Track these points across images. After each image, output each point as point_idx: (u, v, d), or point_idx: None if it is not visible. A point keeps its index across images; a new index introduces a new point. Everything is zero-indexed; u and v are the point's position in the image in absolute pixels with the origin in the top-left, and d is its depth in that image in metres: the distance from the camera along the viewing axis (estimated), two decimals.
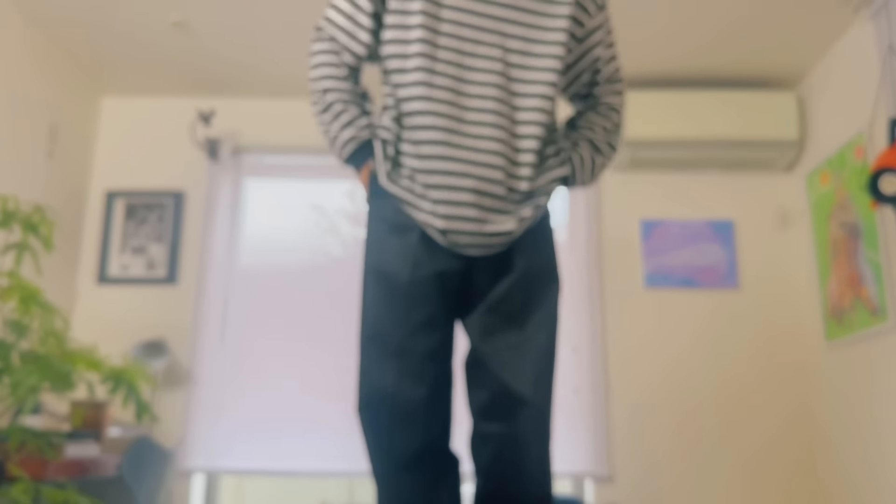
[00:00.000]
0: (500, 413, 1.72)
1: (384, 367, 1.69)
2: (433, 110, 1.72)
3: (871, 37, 3.39)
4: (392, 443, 1.69)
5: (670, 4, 3.45)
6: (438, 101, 1.73)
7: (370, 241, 1.81)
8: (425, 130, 1.72)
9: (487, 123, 1.73)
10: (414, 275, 1.72)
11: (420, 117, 1.73)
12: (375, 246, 1.79)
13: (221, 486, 3.94)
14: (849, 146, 3.53)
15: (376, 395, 1.69)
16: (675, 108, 3.94)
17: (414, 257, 1.73)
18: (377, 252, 1.78)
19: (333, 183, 4.19)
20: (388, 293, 1.73)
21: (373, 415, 1.70)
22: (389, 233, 1.77)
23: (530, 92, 1.78)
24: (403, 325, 1.70)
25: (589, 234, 4.10)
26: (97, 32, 3.70)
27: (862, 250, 3.41)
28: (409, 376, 1.68)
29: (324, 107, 1.84)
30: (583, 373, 3.92)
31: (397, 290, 1.72)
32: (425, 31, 1.74)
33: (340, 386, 3.89)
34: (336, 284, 4.03)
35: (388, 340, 1.70)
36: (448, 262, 1.75)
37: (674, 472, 3.82)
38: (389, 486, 1.73)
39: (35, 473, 2.54)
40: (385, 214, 1.79)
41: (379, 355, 1.70)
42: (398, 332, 1.70)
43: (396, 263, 1.73)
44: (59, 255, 3.86)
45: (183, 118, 4.24)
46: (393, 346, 1.69)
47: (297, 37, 3.70)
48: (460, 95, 1.74)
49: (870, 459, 3.39)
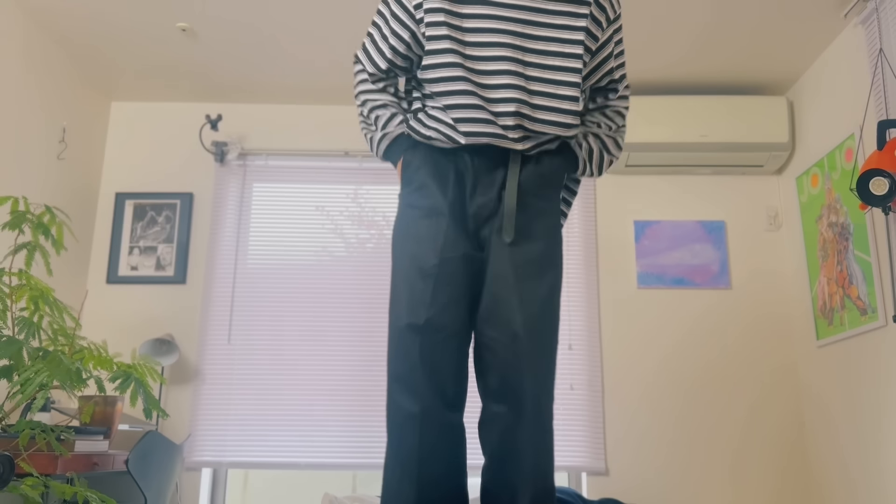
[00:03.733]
0: (506, 396, 1.84)
1: (405, 344, 1.84)
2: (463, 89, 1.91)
3: (862, 41, 3.42)
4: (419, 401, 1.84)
5: (661, 10, 3.49)
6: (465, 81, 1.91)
7: (401, 227, 1.95)
8: (454, 95, 1.92)
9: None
10: (443, 256, 1.86)
11: (449, 83, 1.92)
12: (406, 230, 1.93)
13: (228, 479, 4.03)
14: (838, 149, 3.57)
15: (397, 377, 1.85)
16: (668, 112, 3.99)
17: (444, 239, 1.87)
18: (408, 237, 1.92)
19: (337, 186, 4.28)
20: (419, 273, 1.87)
21: (402, 387, 1.84)
22: (420, 217, 1.91)
23: (550, 106, 1.93)
24: (432, 303, 1.84)
25: (584, 235, 4.17)
26: (107, 39, 3.77)
27: (851, 251, 3.46)
28: (438, 351, 1.84)
29: (363, 116, 2.07)
30: (579, 370, 3.99)
31: (428, 271, 1.86)
32: (454, 54, 1.91)
33: (344, 382, 3.99)
34: (339, 283, 4.12)
35: (418, 318, 1.84)
36: (473, 246, 1.91)
37: (667, 467, 3.89)
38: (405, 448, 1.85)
39: (45, 469, 2.60)
40: (416, 202, 1.93)
41: (410, 332, 1.84)
42: (427, 310, 1.84)
43: (427, 246, 1.88)
44: (69, 256, 3.94)
45: (191, 122, 4.34)
46: (422, 321, 1.83)
47: (304, 43, 3.77)
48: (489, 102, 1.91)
49: (861, 456, 3.43)
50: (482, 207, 1.91)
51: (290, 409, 3.96)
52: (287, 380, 4.00)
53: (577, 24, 1.93)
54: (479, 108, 1.89)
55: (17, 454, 2.53)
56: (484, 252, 1.92)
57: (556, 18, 1.92)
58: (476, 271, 1.90)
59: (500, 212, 1.91)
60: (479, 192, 1.92)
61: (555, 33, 1.93)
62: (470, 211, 1.91)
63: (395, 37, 1.99)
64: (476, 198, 1.92)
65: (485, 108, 1.88)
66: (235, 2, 3.46)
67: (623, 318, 4.07)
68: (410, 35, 1.97)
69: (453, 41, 1.90)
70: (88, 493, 2.36)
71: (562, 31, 1.92)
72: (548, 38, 1.92)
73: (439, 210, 1.90)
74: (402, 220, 1.95)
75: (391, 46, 2.00)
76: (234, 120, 4.35)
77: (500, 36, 1.89)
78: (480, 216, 1.91)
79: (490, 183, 1.92)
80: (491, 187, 1.92)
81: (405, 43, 1.98)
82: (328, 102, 4.34)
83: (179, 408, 3.96)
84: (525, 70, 1.90)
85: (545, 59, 1.91)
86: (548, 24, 1.92)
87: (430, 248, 1.87)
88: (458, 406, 1.87)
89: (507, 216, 1.89)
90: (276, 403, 3.97)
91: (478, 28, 1.91)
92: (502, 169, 1.93)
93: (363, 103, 2.05)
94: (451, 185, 1.92)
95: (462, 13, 1.91)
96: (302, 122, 4.34)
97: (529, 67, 1.91)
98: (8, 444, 2.59)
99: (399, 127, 1.99)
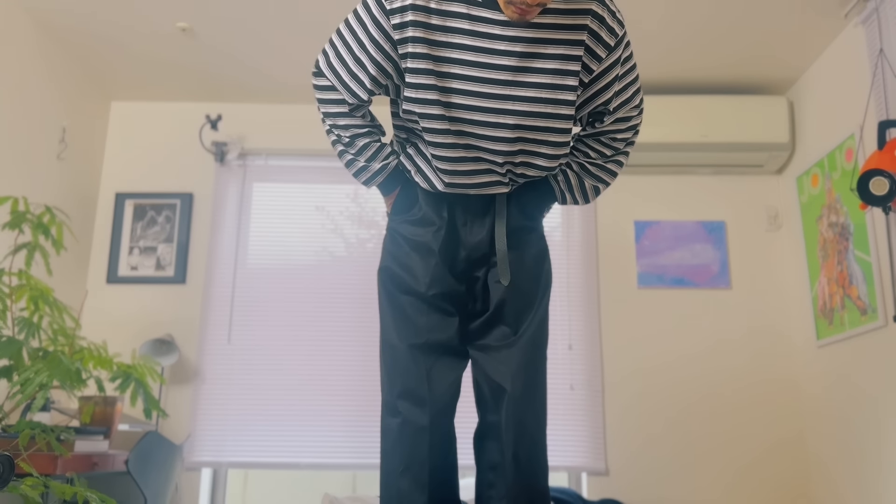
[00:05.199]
0: (499, 408, 1.89)
1: (409, 362, 1.89)
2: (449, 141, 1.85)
3: (862, 41, 3.42)
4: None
5: (662, 11, 3.49)
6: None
7: (391, 256, 1.95)
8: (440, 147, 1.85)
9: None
10: (429, 290, 1.89)
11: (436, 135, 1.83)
12: (396, 261, 1.94)
13: (228, 479, 4.03)
14: (839, 149, 3.57)
15: (405, 392, 1.88)
16: (668, 112, 3.99)
17: (432, 277, 1.90)
18: (399, 266, 1.93)
19: (337, 185, 4.28)
20: (409, 300, 1.91)
21: (410, 402, 1.87)
22: (412, 250, 1.92)
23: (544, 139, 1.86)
24: (424, 326, 1.89)
25: (584, 235, 4.17)
26: (106, 39, 3.78)
27: (852, 251, 3.46)
28: (438, 366, 1.89)
29: (347, 141, 1.94)
30: (579, 370, 3.99)
31: (418, 298, 1.90)
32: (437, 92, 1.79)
33: (344, 382, 3.99)
34: (339, 283, 4.13)
35: (418, 338, 1.89)
36: (459, 286, 1.93)
37: (667, 467, 3.89)
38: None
39: (45, 469, 2.60)
40: (407, 234, 1.94)
41: (413, 351, 1.89)
42: (427, 333, 1.89)
43: (417, 278, 1.90)
44: (69, 256, 3.94)
45: (191, 122, 4.34)
46: (422, 341, 1.88)
47: (303, 43, 3.77)
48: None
49: (861, 456, 3.43)
50: (474, 250, 1.92)
51: (290, 409, 3.96)
52: (287, 380, 4.00)
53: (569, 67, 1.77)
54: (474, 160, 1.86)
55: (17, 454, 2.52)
56: (472, 285, 1.95)
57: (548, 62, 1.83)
58: (463, 303, 1.95)
59: (492, 253, 1.93)
60: (471, 233, 1.92)
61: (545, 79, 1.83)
62: (462, 254, 1.92)
63: (376, 66, 1.81)
64: (469, 238, 1.92)
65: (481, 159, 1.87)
66: (235, 2, 3.46)
67: (623, 318, 4.07)
68: (393, 67, 1.81)
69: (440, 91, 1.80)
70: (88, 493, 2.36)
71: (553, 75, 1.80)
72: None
73: (428, 248, 1.91)
74: (393, 247, 1.96)
75: (371, 77, 1.82)
76: (234, 120, 4.35)
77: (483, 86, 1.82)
78: (471, 259, 1.93)
79: (481, 224, 1.92)
80: (482, 228, 1.92)
81: (387, 75, 1.83)
82: None
83: (179, 408, 3.96)
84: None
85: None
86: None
87: (419, 281, 1.90)
88: (454, 413, 1.93)
89: (500, 261, 1.90)
90: (276, 403, 3.97)
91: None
92: (491, 207, 1.92)
93: (344, 128, 1.91)
94: (443, 225, 1.91)
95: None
96: (302, 122, 4.34)
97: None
98: (8, 444, 2.59)
99: (391, 158, 1.94)
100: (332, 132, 1.94)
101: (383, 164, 1.93)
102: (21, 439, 2.46)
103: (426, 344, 1.88)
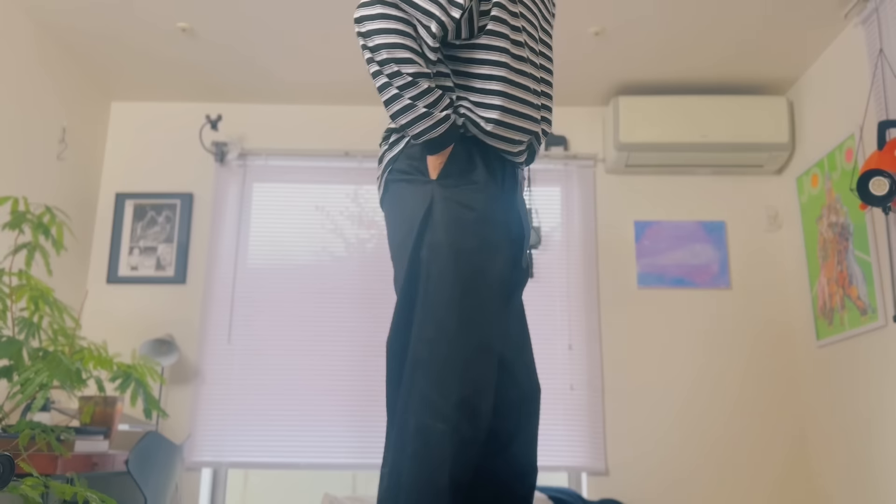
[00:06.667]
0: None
1: (489, 366, 1.66)
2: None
3: (862, 42, 3.43)
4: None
5: (663, 12, 3.49)
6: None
7: (459, 229, 1.68)
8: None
9: None
10: (504, 274, 1.71)
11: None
12: (467, 237, 1.67)
13: (228, 479, 4.03)
14: (838, 149, 3.57)
15: (478, 398, 1.64)
16: (668, 112, 3.99)
17: (504, 257, 1.72)
18: (473, 245, 1.67)
19: (337, 185, 4.28)
20: (492, 288, 1.68)
21: (467, 413, 1.63)
22: (485, 225, 1.70)
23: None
24: (497, 323, 1.69)
25: (584, 235, 4.17)
26: (106, 40, 3.78)
27: (851, 251, 3.46)
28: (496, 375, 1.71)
29: (408, 80, 1.68)
30: (579, 370, 3.99)
31: (496, 288, 1.68)
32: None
33: (344, 382, 3.99)
34: (339, 283, 4.12)
35: (491, 338, 1.67)
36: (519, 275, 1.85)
37: (667, 467, 3.89)
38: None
39: (45, 469, 2.60)
40: (474, 205, 1.71)
41: (485, 355, 1.66)
42: (498, 330, 1.70)
43: (494, 256, 1.69)
44: (69, 256, 3.94)
45: (191, 122, 4.34)
46: (491, 343, 1.67)
47: (303, 43, 3.77)
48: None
49: (861, 456, 3.44)
50: (523, 229, 1.83)
51: (289, 409, 3.96)
52: (287, 380, 4.00)
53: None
54: (529, 118, 1.79)
55: (17, 454, 2.53)
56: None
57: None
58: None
59: (526, 233, 1.84)
60: (522, 205, 1.85)
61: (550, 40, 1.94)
62: (525, 231, 1.83)
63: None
64: (522, 217, 1.83)
65: (531, 116, 1.80)
66: (235, 2, 3.46)
67: (623, 318, 4.07)
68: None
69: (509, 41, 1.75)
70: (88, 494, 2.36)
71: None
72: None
73: (506, 224, 1.74)
74: (458, 221, 1.68)
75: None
76: (234, 120, 4.35)
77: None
78: (522, 239, 1.83)
79: (523, 204, 1.88)
80: (523, 207, 1.87)
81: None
82: (328, 102, 4.34)
83: (179, 408, 3.96)
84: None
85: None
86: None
87: (498, 260, 1.68)
88: None
89: (527, 245, 1.86)
90: (276, 403, 3.97)
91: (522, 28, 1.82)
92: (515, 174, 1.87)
93: (407, 62, 1.66)
94: (508, 195, 1.79)
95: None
96: (302, 122, 4.34)
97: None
98: (8, 444, 2.59)
99: (451, 111, 1.71)
100: (388, 66, 1.65)
101: (446, 114, 1.68)
102: (21, 439, 2.46)
103: (495, 350, 1.67)
